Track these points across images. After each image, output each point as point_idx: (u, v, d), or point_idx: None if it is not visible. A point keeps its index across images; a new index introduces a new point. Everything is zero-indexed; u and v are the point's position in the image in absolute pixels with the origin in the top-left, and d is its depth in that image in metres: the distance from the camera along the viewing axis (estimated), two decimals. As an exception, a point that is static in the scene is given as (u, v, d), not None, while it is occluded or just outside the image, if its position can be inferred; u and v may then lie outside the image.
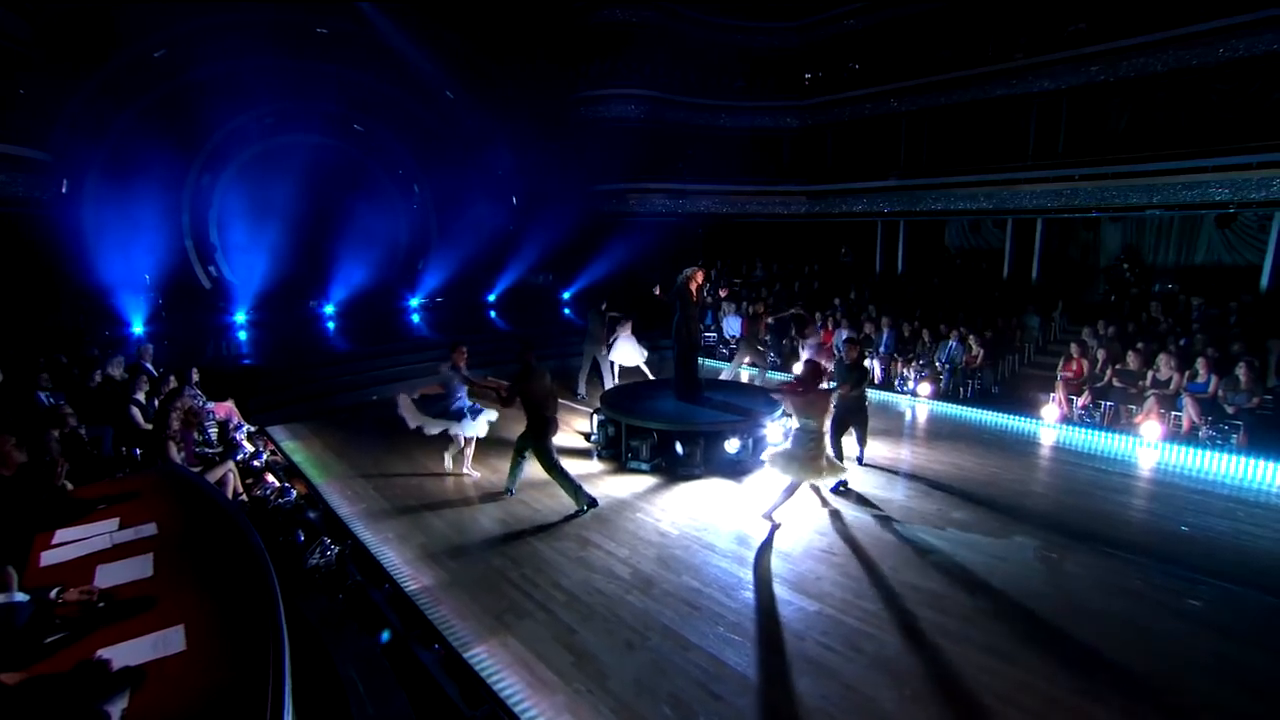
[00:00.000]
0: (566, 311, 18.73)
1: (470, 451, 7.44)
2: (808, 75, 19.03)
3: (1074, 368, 9.65)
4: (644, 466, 7.40)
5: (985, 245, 16.73)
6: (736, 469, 7.33)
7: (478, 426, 7.22)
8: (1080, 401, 9.25)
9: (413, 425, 7.07)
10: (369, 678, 3.68)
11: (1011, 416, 9.50)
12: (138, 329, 13.07)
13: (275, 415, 9.63)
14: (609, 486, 7.04)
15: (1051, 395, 9.54)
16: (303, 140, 17.35)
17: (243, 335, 14.60)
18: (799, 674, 3.98)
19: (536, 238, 19.08)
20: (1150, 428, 8.29)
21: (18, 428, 4.10)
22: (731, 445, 7.33)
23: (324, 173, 17.28)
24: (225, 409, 8.64)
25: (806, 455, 5.66)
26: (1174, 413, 8.54)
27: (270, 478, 6.92)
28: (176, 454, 6.08)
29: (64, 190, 14.34)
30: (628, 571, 5.20)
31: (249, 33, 15.29)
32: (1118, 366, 9.24)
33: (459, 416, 7.10)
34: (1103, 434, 8.64)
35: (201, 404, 8.44)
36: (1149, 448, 8.18)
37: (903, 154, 17.13)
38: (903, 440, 8.76)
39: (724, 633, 4.40)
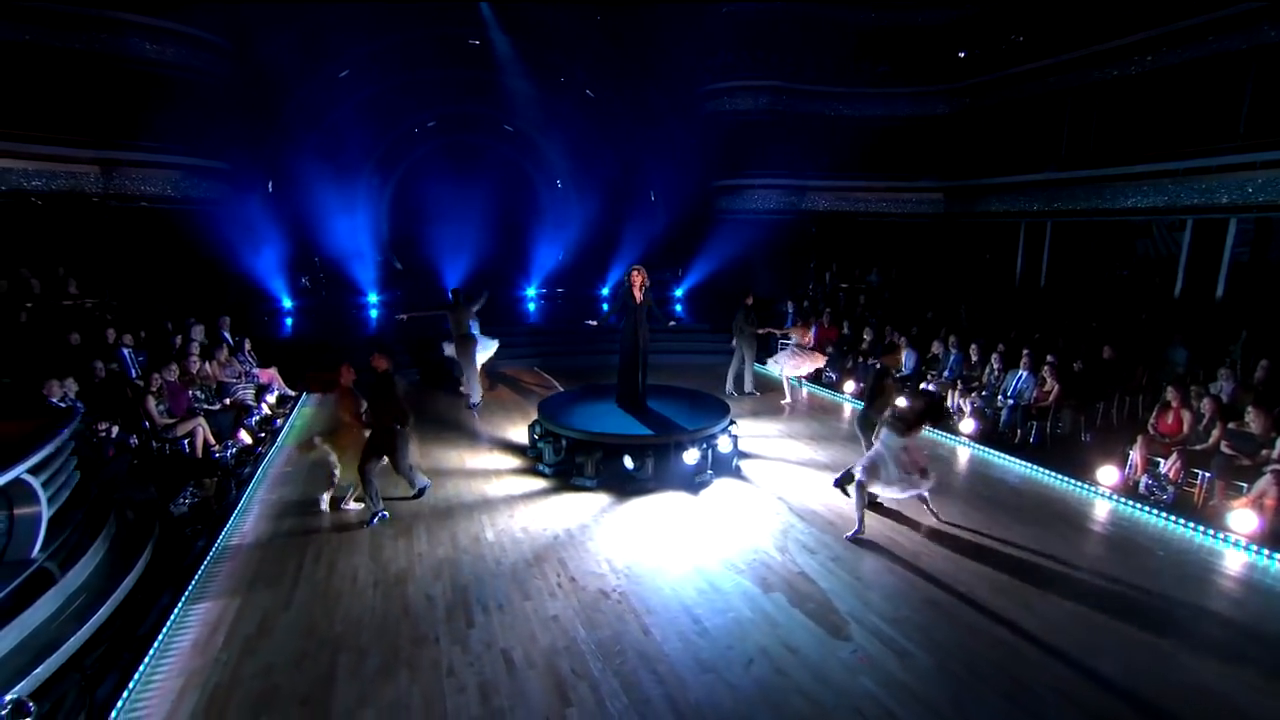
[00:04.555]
0: (678, 309, 18.45)
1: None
2: (962, 53, 16.30)
3: (1170, 421, 7.07)
4: (547, 471, 7.15)
5: (1171, 252, 12.88)
6: (635, 487, 6.74)
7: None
8: (1164, 467, 6.74)
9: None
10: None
11: (1060, 479, 7.24)
12: (287, 304, 15.95)
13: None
14: (499, 485, 6.96)
15: (1130, 451, 7.10)
16: (459, 141, 19.78)
17: (373, 314, 16.96)
18: None
19: (652, 232, 19.14)
20: (1243, 518, 5.79)
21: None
22: (630, 460, 6.75)
23: (477, 170, 19.38)
24: (269, 375, 10.18)
25: None
26: (1304, 503, 5.86)
27: (243, 434, 8.06)
28: (154, 406, 7.38)
29: (270, 189, 17.97)
30: (372, 581, 4.99)
31: (413, 50, 17.72)
32: (1231, 425, 6.56)
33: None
34: (1174, 522, 6.23)
35: (249, 368, 10.10)
36: (1241, 551, 5.70)
37: (1065, 141, 13.87)
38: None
39: None
